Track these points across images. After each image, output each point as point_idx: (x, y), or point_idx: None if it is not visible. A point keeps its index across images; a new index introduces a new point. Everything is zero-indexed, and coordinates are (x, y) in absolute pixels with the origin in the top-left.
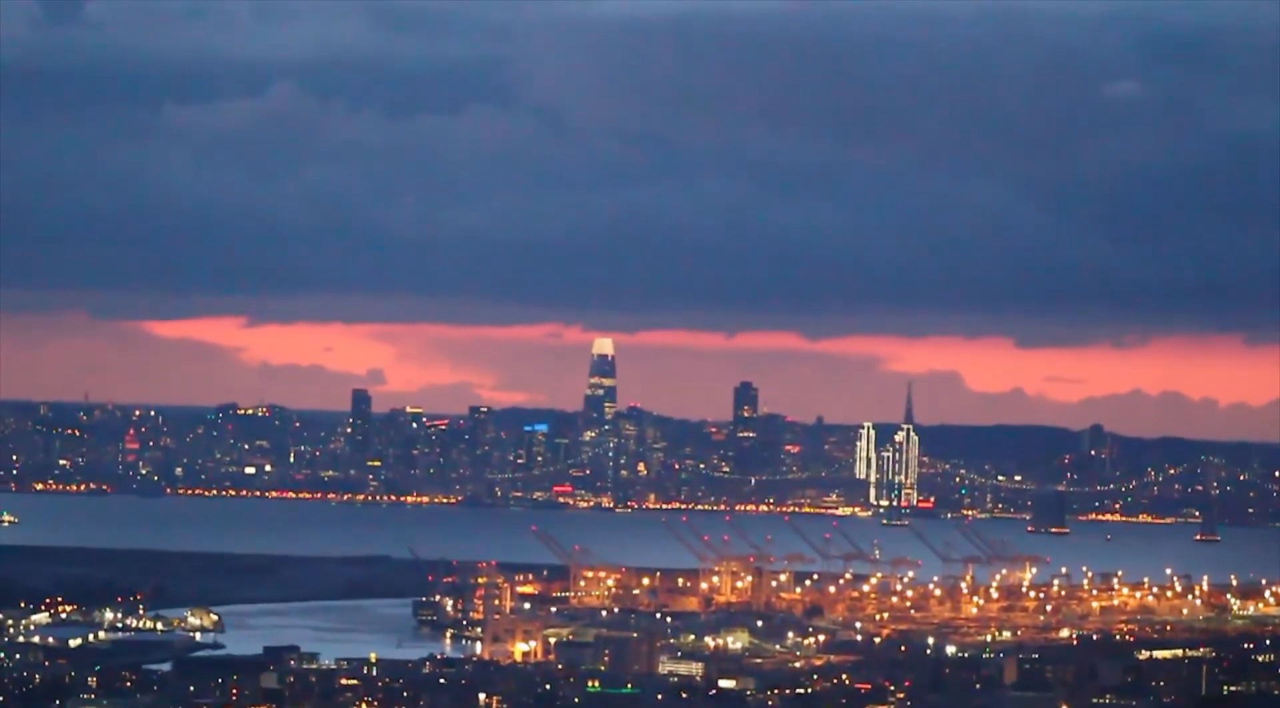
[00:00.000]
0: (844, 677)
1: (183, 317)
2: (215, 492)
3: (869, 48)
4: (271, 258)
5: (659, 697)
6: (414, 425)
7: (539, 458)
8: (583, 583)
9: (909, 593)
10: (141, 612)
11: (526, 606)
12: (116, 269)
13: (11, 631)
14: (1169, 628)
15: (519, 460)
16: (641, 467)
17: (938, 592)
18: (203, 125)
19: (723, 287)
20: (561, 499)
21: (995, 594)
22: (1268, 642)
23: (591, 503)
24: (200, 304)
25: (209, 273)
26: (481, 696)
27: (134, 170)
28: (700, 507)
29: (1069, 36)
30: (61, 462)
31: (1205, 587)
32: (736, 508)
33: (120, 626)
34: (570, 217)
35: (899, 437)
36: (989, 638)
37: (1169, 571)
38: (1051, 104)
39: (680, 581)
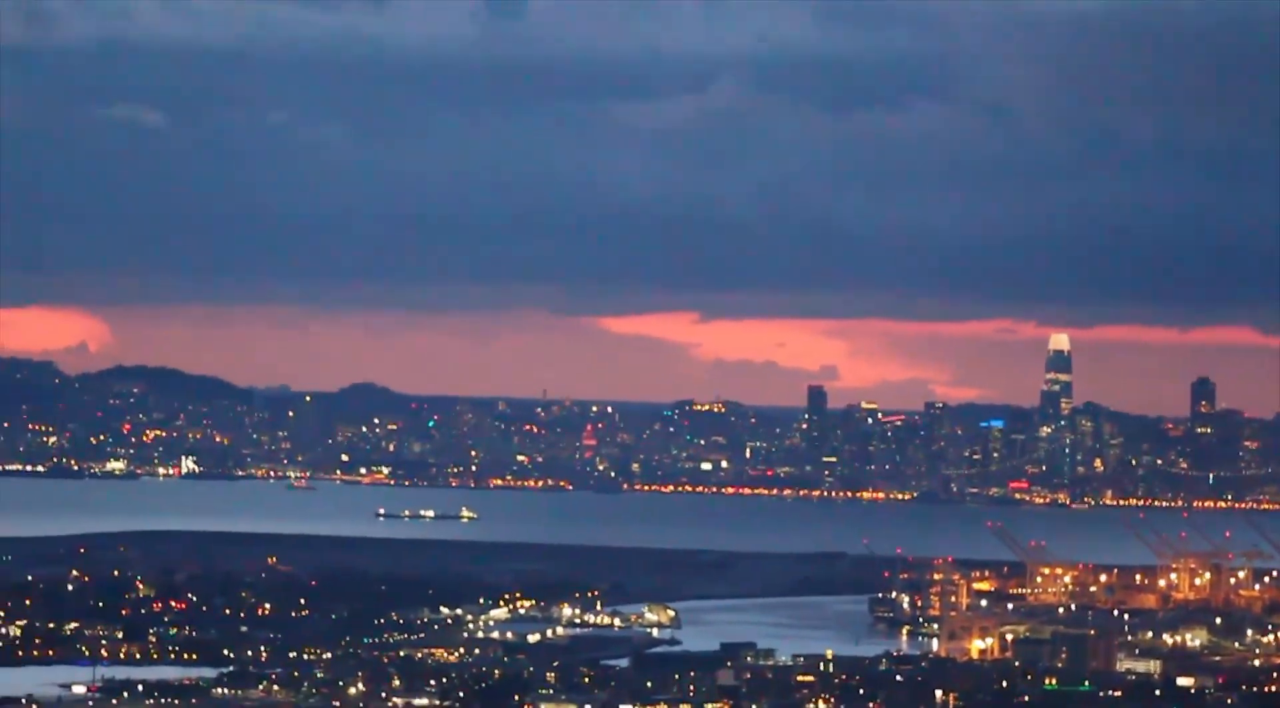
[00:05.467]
0: None
1: (637, 313)
2: (671, 488)
3: None
4: (722, 253)
5: (1117, 694)
6: (869, 421)
7: (995, 454)
8: (1039, 580)
9: None
10: (599, 608)
11: (983, 602)
12: (571, 266)
13: (471, 626)
14: None
15: (974, 456)
16: (1098, 463)
17: None
18: (648, 122)
19: (1175, 281)
20: (1017, 495)
21: None
22: None
23: (1048, 499)
24: (653, 300)
25: (661, 269)
26: (938, 693)
27: (580, 167)
28: (1157, 503)
29: None
30: (520, 458)
31: None
32: (1194, 504)
33: (578, 622)
34: (1019, 212)
35: None
36: None
37: None
38: None
39: (1138, 578)
